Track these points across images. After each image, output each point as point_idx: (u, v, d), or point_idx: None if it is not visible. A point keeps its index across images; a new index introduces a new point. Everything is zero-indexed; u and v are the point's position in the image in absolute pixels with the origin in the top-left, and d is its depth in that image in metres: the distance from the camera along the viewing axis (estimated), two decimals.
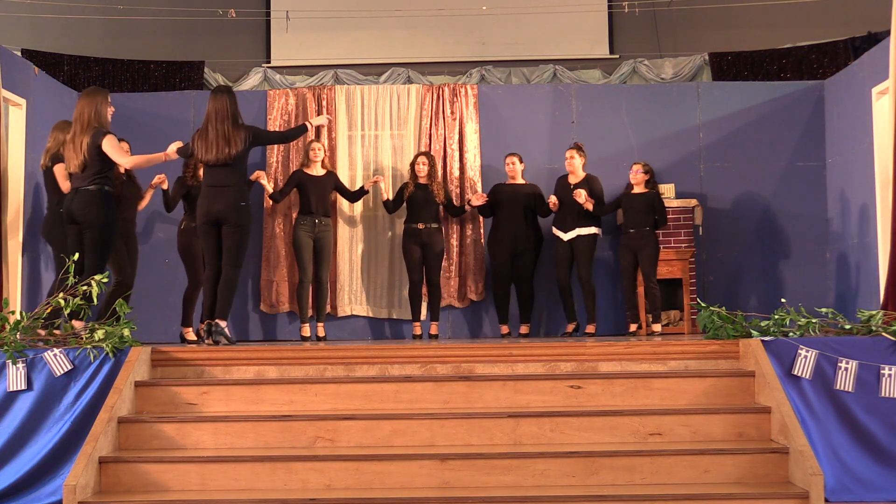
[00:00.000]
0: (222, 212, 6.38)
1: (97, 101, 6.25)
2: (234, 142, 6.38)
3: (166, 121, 8.32)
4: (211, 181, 6.46)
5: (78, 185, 6.17)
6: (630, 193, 7.86)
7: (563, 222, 7.89)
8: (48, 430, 4.97)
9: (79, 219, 6.15)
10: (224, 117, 6.42)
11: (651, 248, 7.68)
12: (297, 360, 5.43)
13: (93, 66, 11.26)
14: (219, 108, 6.44)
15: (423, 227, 7.92)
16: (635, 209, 7.75)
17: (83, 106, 6.23)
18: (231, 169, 6.42)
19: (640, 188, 7.82)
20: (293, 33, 11.64)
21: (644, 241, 7.68)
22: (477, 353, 5.46)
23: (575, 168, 7.91)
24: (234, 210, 6.39)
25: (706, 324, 5.58)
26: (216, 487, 4.71)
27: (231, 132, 6.39)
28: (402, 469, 4.69)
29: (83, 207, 6.11)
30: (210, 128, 6.41)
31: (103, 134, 6.15)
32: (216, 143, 6.38)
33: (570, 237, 7.82)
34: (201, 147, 6.43)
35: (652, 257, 7.68)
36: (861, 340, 5.08)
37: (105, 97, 6.31)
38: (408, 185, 8.06)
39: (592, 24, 11.87)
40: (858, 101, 7.78)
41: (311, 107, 8.58)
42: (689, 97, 8.71)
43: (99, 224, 6.11)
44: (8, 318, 5.31)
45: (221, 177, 6.41)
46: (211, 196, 6.42)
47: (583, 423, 4.93)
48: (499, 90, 8.98)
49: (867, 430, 4.86)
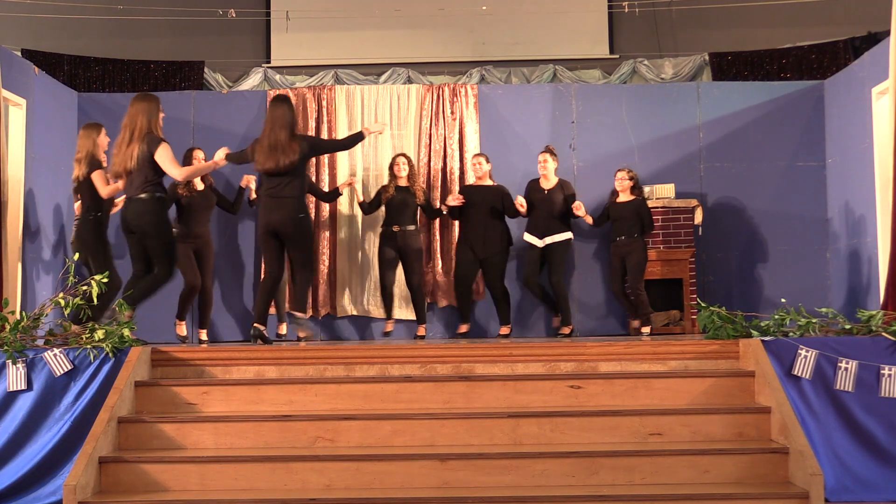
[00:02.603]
0: (280, 224, 6.41)
1: (150, 107, 6.21)
2: (288, 152, 6.38)
3: (166, 121, 8.27)
4: (269, 191, 6.47)
5: (131, 193, 6.17)
6: (616, 202, 7.90)
7: (536, 227, 7.88)
8: (48, 430, 4.98)
9: (134, 228, 6.17)
10: (281, 126, 6.42)
11: (638, 254, 7.74)
12: (297, 360, 5.43)
13: (93, 66, 11.27)
14: (276, 117, 6.45)
15: (399, 229, 7.86)
16: (623, 217, 7.80)
17: (136, 112, 6.17)
18: (289, 179, 6.42)
19: (625, 195, 7.87)
20: (293, 33, 11.64)
21: (632, 248, 7.74)
22: (477, 353, 5.46)
23: (548, 172, 7.92)
24: (292, 222, 6.42)
25: (706, 324, 5.58)
26: (216, 487, 4.71)
27: (286, 142, 6.39)
28: (402, 469, 4.69)
29: (137, 217, 6.13)
30: (265, 136, 6.43)
31: (158, 142, 6.15)
32: (271, 153, 6.38)
33: (545, 244, 7.82)
34: (259, 155, 6.44)
35: (639, 265, 7.74)
36: (861, 340, 5.08)
37: (158, 103, 6.29)
38: (387, 189, 7.97)
39: (592, 24, 11.87)
40: (858, 101, 7.78)
41: (310, 107, 8.58)
42: (689, 97, 8.70)
43: (155, 232, 6.15)
44: (8, 318, 5.31)
45: (280, 187, 6.42)
46: (270, 206, 6.44)
47: (583, 423, 4.93)
48: (499, 90, 8.98)
49: (867, 430, 4.86)
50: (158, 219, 6.17)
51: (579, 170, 8.57)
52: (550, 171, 7.91)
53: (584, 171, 8.56)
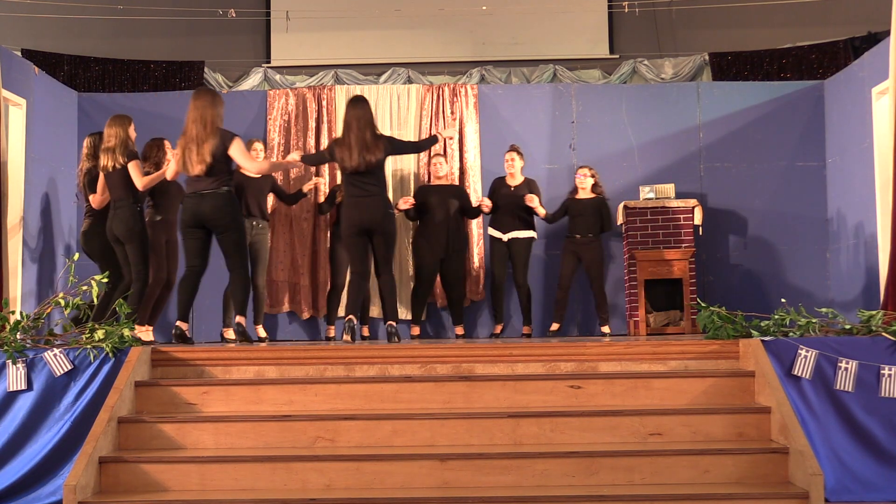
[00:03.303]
0: (372, 221, 6.46)
1: (215, 102, 6.25)
2: (374, 150, 6.44)
3: (166, 121, 8.31)
4: (355, 191, 6.51)
5: (203, 188, 6.17)
6: (575, 198, 7.93)
7: (501, 224, 7.91)
8: (48, 430, 4.97)
9: (211, 222, 6.20)
10: (365, 125, 6.47)
11: (596, 253, 7.85)
12: (297, 360, 5.43)
13: (93, 66, 11.27)
14: (359, 115, 6.49)
15: None
16: (583, 214, 7.87)
17: (203, 108, 6.18)
18: (374, 177, 6.49)
19: (585, 193, 7.89)
20: (293, 33, 11.63)
21: (589, 247, 7.80)
22: (477, 353, 5.46)
23: (515, 170, 7.93)
24: (383, 218, 6.48)
25: (706, 324, 5.58)
26: (216, 487, 4.71)
27: (372, 141, 6.45)
28: (403, 469, 4.69)
29: (216, 210, 6.17)
30: (351, 135, 6.46)
31: (232, 137, 6.23)
32: (358, 151, 6.41)
33: (508, 238, 7.86)
34: (343, 154, 6.46)
35: (598, 263, 7.85)
36: (861, 340, 5.08)
37: (221, 99, 6.33)
38: (342, 188, 7.97)
39: (592, 24, 11.87)
40: (858, 101, 7.78)
41: (311, 107, 8.58)
42: (689, 97, 8.71)
43: (235, 226, 6.25)
44: (8, 318, 5.31)
45: (366, 185, 6.47)
46: (360, 206, 6.48)
47: (583, 423, 4.93)
48: (499, 90, 8.98)
49: (867, 430, 4.86)
50: (238, 213, 6.32)
51: None
52: (517, 169, 7.96)
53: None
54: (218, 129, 6.18)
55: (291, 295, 8.38)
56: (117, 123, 6.60)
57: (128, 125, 6.61)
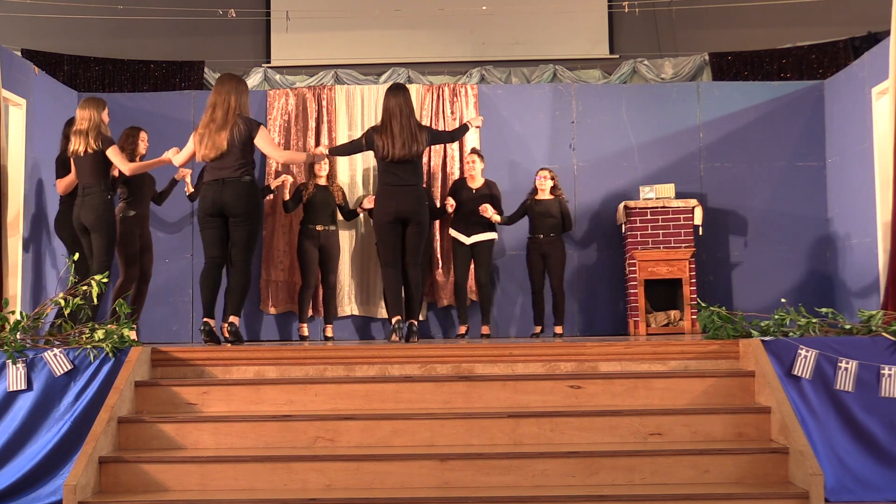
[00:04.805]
0: (410, 211, 6.35)
1: (239, 89, 6.11)
2: (419, 139, 6.35)
3: (166, 121, 8.32)
4: (392, 180, 6.36)
5: (223, 175, 6.00)
6: (536, 199, 7.98)
7: (462, 225, 7.95)
8: (48, 430, 4.97)
9: (230, 209, 5.99)
10: (409, 114, 6.36)
11: (559, 253, 7.93)
12: (297, 360, 5.43)
13: (93, 66, 11.27)
14: (402, 104, 6.36)
15: (322, 228, 7.88)
16: (546, 215, 7.93)
17: (227, 92, 6.04)
18: (413, 167, 6.38)
19: (544, 194, 7.95)
20: (293, 33, 11.63)
21: (552, 248, 7.90)
22: (477, 353, 5.46)
23: (476, 172, 7.96)
24: (420, 208, 6.37)
25: (706, 324, 5.58)
26: (216, 487, 4.71)
27: (417, 130, 6.35)
28: (402, 469, 4.69)
29: (238, 198, 5.99)
30: (395, 124, 6.32)
31: (258, 125, 6.10)
32: (403, 140, 6.29)
33: (471, 242, 7.89)
34: (387, 144, 6.31)
35: (560, 263, 7.92)
36: (861, 340, 5.08)
37: (245, 86, 6.19)
38: (307, 187, 7.96)
39: (592, 24, 11.86)
40: (858, 101, 7.78)
41: (311, 107, 8.58)
42: (689, 97, 8.71)
43: (256, 215, 6.09)
44: (8, 318, 5.30)
45: (405, 175, 6.36)
46: (398, 195, 6.34)
47: (583, 423, 4.93)
48: (499, 90, 8.98)
49: (867, 430, 4.86)
50: (258, 205, 6.13)
51: (579, 170, 8.57)
52: (478, 171, 8.00)
53: (583, 171, 8.57)
54: (240, 117, 6.05)
55: (291, 295, 8.37)
56: (91, 106, 6.38)
57: (102, 108, 6.41)
